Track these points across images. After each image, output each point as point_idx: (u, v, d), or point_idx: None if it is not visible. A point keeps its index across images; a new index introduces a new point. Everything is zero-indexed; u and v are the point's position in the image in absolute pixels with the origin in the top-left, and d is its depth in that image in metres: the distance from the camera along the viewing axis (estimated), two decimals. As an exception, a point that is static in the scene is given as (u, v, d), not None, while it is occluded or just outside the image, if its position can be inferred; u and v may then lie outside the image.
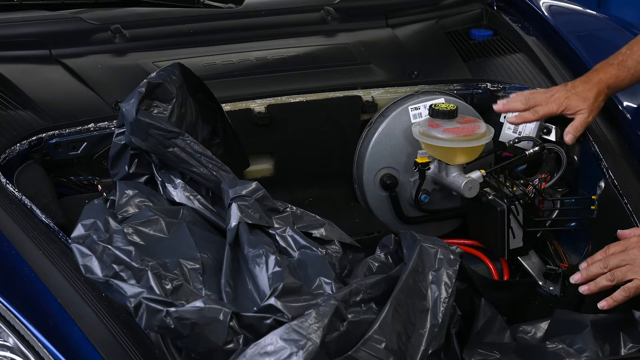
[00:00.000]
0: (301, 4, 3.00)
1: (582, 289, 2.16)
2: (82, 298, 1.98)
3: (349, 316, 1.86)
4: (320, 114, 2.67)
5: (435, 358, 1.90)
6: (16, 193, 2.21)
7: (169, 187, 2.22)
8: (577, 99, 2.53)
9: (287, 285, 1.90)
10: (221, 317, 1.83)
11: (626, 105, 2.64)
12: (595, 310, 2.17)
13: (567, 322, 2.11)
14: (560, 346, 2.06)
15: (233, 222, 2.06)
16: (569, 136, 2.56)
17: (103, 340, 1.93)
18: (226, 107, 2.52)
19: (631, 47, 2.53)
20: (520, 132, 2.72)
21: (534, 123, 2.69)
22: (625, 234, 2.21)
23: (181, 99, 2.29)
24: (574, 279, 2.20)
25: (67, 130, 2.43)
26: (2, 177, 2.24)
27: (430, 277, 1.97)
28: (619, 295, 2.12)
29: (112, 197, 2.16)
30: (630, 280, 2.12)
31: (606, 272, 2.15)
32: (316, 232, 2.14)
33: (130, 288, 1.87)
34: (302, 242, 2.08)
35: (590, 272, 2.17)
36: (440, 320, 1.92)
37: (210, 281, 1.96)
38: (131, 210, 2.12)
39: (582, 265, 2.21)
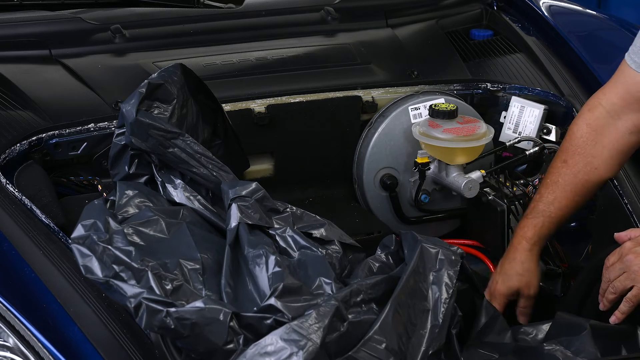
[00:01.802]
0: (301, 4, 3.00)
1: (600, 307, 2.16)
2: (82, 298, 1.98)
3: (350, 316, 1.86)
4: (320, 114, 2.67)
5: (435, 359, 1.90)
6: (16, 193, 2.21)
7: (169, 187, 2.22)
8: (507, 279, 2.36)
9: (287, 286, 1.90)
10: (221, 317, 1.83)
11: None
12: (597, 311, 2.17)
13: (567, 325, 2.11)
14: (557, 347, 2.06)
15: (233, 223, 2.06)
16: (521, 319, 2.38)
17: (103, 340, 1.93)
18: (226, 107, 2.52)
19: (539, 191, 2.40)
20: (520, 132, 2.72)
21: (534, 123, 2.69)
22: (621, 236, 2.20)
23: (182, 100, 2.28)
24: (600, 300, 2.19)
25: (67, 130, 2.43)
26: (2, 177, 2.24)
27: (431, 277, 1.97)
28: (623, 307, 2.11)
29: (112, 198, 2.16)
30: (631, 288, 2.11)
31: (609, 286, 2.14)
32: (316, 232, 2.13)
33: (130, 288, 1.87)
34: (302, 242, 2.08)
35: (602, 290, 2.17)
36: (440, 320, 1.92)
37: (210, 281, 1.96)
38: (131, 210, 2.12)
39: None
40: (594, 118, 2.37)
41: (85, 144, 2.45)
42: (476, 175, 2.59)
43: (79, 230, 1.98)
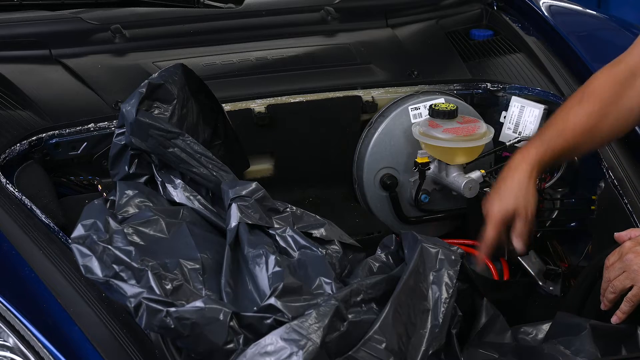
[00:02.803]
0: (301, 4, 3.00)
1: (602, 307, 2.16)
2: (82, 298, 1.98)
3: (350, 316, 1.86)
4: (320, 114, 2.67)
5: (435, 358, 1.90)
6: (16, 193, 2.21)
7: (169, 187, 2.22)
8: (503, 200, 2.30)
9: (287, 285, 1.90)
10: (221, 317, 1.82)
11: (626, 105, 2.64)
12: (597, 311, 2.17)
13: (567, 325, 2.11)
14: (557, 347, 2.06)
15: (233, 223, 2.06)
16: (516, 242, 2.32)
17: (103, 340, 1.93)
18: (226, 107, 2.52)
19: (547, 123, 2.38)
20: (520, 132, 2.72)
21: (534, 123, 2.69)
22: (621, 236, 2.20)
23: (183, 100, 2.28)
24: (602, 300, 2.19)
25: (67, 130, 2.43)
26: (2, 177, 2.24)
27: (431, 277, 1.97)
28: (624, 307, 2.11)
29: (112, 197, 2.16)
30: (631, 288, 2.10)
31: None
32: (316, 232, 2.13)
33: (130, 288, 1.87)
34: (302, 242, 2.08)
35: (603, 290, 2.17)
36: (440, 320, 1.92)
37: (210, 281, 1.96)
38: (131, 210, 2.12)
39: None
40: (615, 72, 2.33)
41: (85, 144, 2.45)
42: (476, 175, 2.59)
43: (79, 230, 1.98)
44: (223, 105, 2.47)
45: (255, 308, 1.88)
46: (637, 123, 2.39)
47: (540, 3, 3.07)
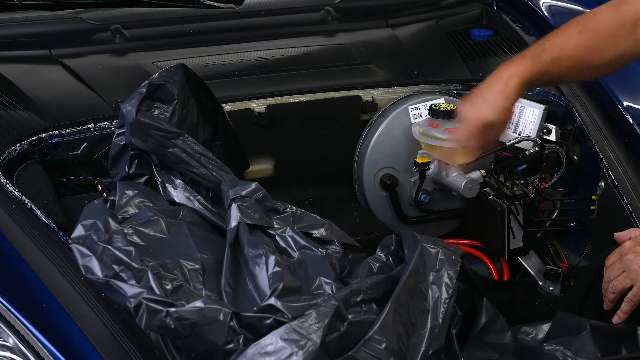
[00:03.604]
0: (301, 4, 3.00)
1: (604, 307, 2.16)
2: (82, 298, 1.98)
3: (350, 316, 1.86)
4: (320, 114, 2.67)
5: (435, 359, 1.90)
6: (16, 193, 2.21)
7: (169, 187, 2.22)
8: (488, 109, 2.19)
9: (287, 285, 1.90)
10: (221, 317, 1.82)
11: (626, 105, 2.64)
12: (597, 311, 2.17)
13: (567, 325, 2.11)
14: (557, 347, 2.06)
15: (233, 223, 2.06)
16: (482, 146, 2.26)
17: (103, 340, 1.93)
18: (226, 107, 2.52)
19: (543, 42, 2.25)
20: (520, 132, 2.72)
21: (534, 123, 2.69)
22: (621, 236, 2.20)
23: (183, 100, 2.28)
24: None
25: (67, 130, 2.43)
26: (2, 177, 2.24)
27: (431, 277, 1.97)
28: (625, 307, 2.11)
29: (112, 198, 2.16)
30: (631, 288, 2.11)
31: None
32: (316, 232, 2.13)
33: (130, 288, 1.87)
34: (302, 242, 2.08)
35: (604, 290, 2.17)
36: (440, 320, 1.92)
37: (210, 281, 1.96)
38: (131, 210, 2.12)
39: None
40: (621, 14, 2.23)
41: (85, 144, 2.45)
42: (476, 175, 2.59)
43: (79, 230, 1.98)
44: (223, 105, 2.47)
45: (255, 308, 1.88)
46: (619, 68, 2.30)
47: (540, 3, 3.07)
